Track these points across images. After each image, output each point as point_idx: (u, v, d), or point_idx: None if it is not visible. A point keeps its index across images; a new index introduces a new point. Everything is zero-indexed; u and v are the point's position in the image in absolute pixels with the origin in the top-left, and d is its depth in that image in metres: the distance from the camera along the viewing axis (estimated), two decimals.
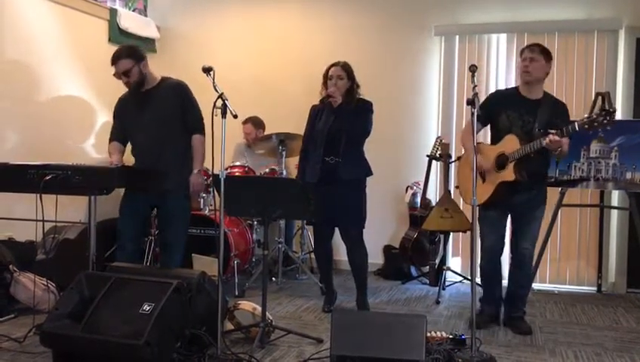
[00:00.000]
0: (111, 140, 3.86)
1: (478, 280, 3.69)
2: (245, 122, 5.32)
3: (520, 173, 3.48)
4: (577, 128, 3.26)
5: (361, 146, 3.94)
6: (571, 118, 3.55)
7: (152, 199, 3.74)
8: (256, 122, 5.36)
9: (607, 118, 3.18)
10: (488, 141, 3.86)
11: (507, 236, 3.79)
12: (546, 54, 3.59)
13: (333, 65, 3.92)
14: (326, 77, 3.91)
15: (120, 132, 3.84)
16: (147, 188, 3.63)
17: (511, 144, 3.51)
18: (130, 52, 3.65)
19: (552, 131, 3.32)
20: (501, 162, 3.56)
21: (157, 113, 3.69)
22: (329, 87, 3.84)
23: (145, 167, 3.71)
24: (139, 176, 3.61)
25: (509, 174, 3.50)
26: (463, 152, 3.95)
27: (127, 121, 3.80)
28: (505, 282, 3.84)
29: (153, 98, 3.71)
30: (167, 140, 3.70)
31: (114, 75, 3.67)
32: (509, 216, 3.75)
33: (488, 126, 3.80)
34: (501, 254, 3.76)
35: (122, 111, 3.84)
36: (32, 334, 3.25)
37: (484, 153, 3.65)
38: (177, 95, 3.73)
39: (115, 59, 3.62)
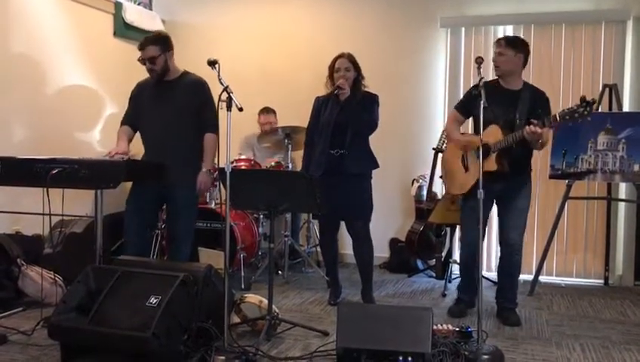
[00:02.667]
0: (122, 123, 3.90)
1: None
2: (267, 112, 5.30)
3: (502, 163, 3.55)
4: (558, 119, 3.33)
5: (366, 139, 3.92)
6: None
7: (161, 192, 3.74)
8: (274, 111, 5.35)
9: (588, 108, 3.25)
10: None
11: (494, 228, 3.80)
12: (514, 46, 3.60)
13: (338, 56, 3.88)
14: (332, 69, 3.88)
15: (132, 117, 3.87)
16: (153, 180, 3.63)
17: (494, 135, 3.55)
18: (159, 40, 3.68)
19: (534, 121, 3.35)
20: (484, 152, 3.60)
21: (173, 106, 3.70)
22: (337, 80, 3.81)
23: (154, 157, 3.72)
24: (145, 169, 3.61)
25: (491, 164, 3.55)
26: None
27: (142, 108, 3.81)
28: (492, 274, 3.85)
29: (172, 90, 3.73)
30: (179, 133, 3.70)
31: (138, 59, 3.68)
32: (493, 207, 3.80)
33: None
34: (481, 245, 3.81)
35: (139, 97, 3.85)
36: (40, 327, 3.28)
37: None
38: (196, 91, 3.72)
39: (143, 45, 3.65)
